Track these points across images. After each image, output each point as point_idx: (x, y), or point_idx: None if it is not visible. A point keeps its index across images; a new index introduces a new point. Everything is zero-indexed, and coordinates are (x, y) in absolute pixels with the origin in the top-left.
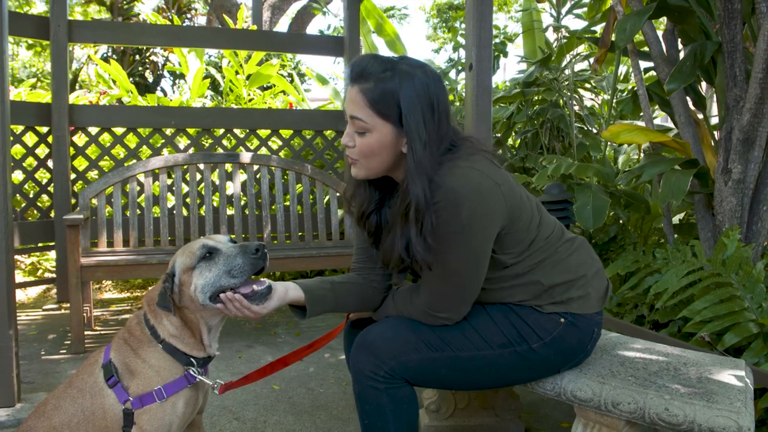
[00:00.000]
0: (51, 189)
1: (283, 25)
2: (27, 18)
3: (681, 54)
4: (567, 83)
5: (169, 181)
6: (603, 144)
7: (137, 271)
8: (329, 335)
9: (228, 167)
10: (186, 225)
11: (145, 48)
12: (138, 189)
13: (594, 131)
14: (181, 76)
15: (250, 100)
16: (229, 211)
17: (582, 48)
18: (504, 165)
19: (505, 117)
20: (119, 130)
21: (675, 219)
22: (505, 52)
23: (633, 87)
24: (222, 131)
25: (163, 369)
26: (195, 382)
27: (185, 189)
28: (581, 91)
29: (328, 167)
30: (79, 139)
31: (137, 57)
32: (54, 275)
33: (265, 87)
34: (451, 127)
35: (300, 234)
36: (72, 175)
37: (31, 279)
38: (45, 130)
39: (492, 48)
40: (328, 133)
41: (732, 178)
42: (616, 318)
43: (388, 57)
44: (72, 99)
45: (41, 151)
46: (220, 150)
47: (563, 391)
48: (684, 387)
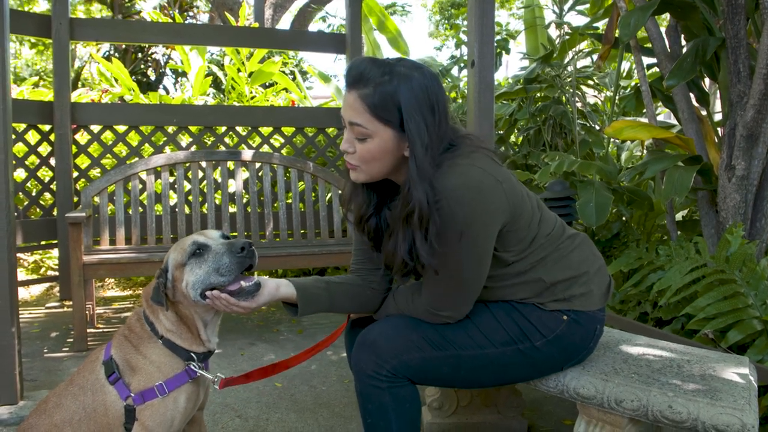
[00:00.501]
0: (53, 187)
1: (285, 23)
2: (29, 16)
3: (684, 50)
4: (569, 80)
5: (171, 179)
6: (606, 141)
7: (139, 269)
8: (331, 337)
9: (230, 165)
10: (188, 223)
11: (147, 46)
12: (140, 187)
13: (597, 128)
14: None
15: (252, 97)
16: (231, 209)
17: (584, 44)
18: (506, 162)
19: (508, 114)
20: (121, 128)
21: (678, 216)
22: (508, 48)
23: (636, 83)
24: (224, 129)
25: (164, 364)
26: (196, 376)
27: (187, 187)
28: (584, 88)
29: (330, 165)
30: (82, 137)
31: (139, 55)
32: (56, 273)
33: (267, 84)
34: (450, 126)
35: (302, 231)
36: (74, 173)
37: (34, 277)
38: (47, 128)
39: (494, 45)
40: (330, 131)
41: (736, 174)
42: (619, 315)
43: (384, 60)
44: (74, 97)
45: (43, 149)
46: (222, 148)
47: (566, 389)
48: (687, 384)
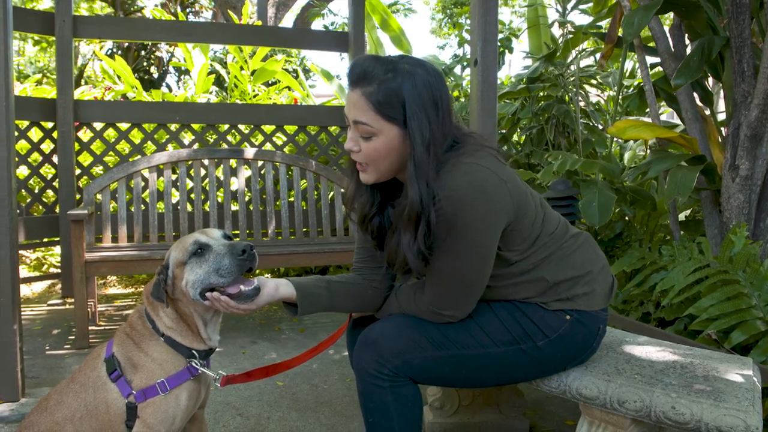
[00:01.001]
0: (56, 184)
1: (288, 21)
2: (32, 13)
3: (688, 49)
4: (573, 79)
5: (174, 177)
6: (609, 140)
7: (141, 267)
8: (333, 337)
9: (232, 163)
10: (190, 221)
11: (150, 44)
12: (142, 184)
13: (600, 127)
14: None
15: (254, 95)
16: (234, 207)
17: (587, 43)
18: (509, 161)
19: (511, 113)
20: (124, 125)
21: (681, 216)
22: (511, 47)
23: (639, 83)
24: (227, 127)
25: (166, 362)
26: (197, 374)
27: (189, 184)
28: (587, 87)
29: (332, 163)
30: (84, 135)
31: (142, 53)
32: (59, 270)
33: (270, 83)
34: (454, 124)
35: (304, 230)
36: (77, 171)
37: (36, 274)
38: (50, 125)
39: (497, 43)
40: (332, 129)
41: (739, 174)
42: (621, 315)
43: (387, 57)
44: (77, 94)
45: (46, 147)
46: (224, 145)
47: (568, 389)
48: (691, 385)
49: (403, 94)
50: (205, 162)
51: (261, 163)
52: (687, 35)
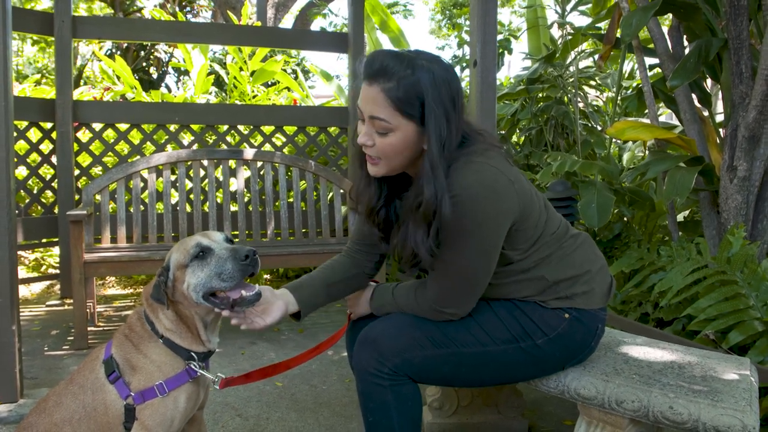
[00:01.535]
0: (55, 185)
1: (288, 23)
2: (31, 14)
3: (686, 51)
4: (571, 80)
5: (173, 178)
6: (607, 141)
7: (140, 267)
8: (333, 338)
9: (231, 163)
10: (189, 221)
11: (150, 44)
12: (141, 185)
13: (599, 128)
14: (185, 72)
15: (254, 96)
16: (233, 208)
17: (586, 45)
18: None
19: (510, 114)
20: (123, 126)
21: (680, 216)
22: (510, 48)
23: (638, 84)
24: (226, 127)
25: (165, 364)
26: (196, 376)
27: (189, 185)
28: (586, 88)
29: (331, 164)
30: (83, 135)
31: (141, 53)
32: (57, 271)
33: (269, 83)
34: (464, 120)
35: (303, 231)
36: (76, 171)
37: (35, 275)
38: (49, 125)
39: (496, 44)
40: (332, 130)
41: (737, 175)
42: (620, 316)
43: (403, 52)
44: (76, 95)
45: (45, 147)
46: (223, 146)
47: (567, 389)
48: (688, 385)
49: (422, 91)
50: (205, 163)
51: (260, 164)
52: (685, 37)
